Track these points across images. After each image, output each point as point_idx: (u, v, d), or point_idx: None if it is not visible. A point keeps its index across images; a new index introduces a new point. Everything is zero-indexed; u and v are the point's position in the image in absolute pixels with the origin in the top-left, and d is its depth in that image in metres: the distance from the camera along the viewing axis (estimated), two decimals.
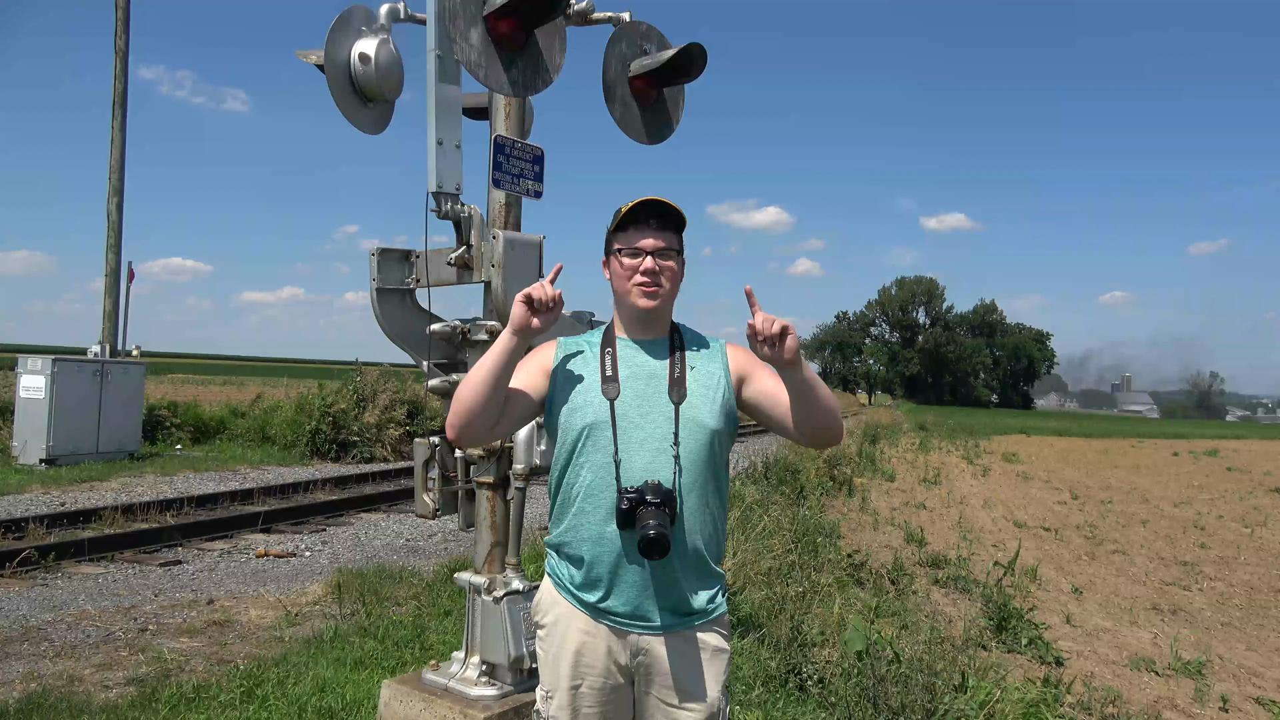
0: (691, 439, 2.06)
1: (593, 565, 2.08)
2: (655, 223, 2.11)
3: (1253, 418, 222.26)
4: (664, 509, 1.96)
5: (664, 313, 2.16)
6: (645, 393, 2.09)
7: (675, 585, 2.06)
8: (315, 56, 3.39)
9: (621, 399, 2.08)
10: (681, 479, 2.05)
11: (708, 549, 2.10)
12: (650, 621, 2.07)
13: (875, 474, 17.73)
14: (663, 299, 2.12)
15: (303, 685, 4.37)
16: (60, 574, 7.14)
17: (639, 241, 2.10)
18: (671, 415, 2.07)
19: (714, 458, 2.11)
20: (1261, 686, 6.63)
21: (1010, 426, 48.73)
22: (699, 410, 2.08)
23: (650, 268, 2.09)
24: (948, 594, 8.47)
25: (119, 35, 15.35)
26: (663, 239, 2.11)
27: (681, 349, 2.16)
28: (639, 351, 2.15)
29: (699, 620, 2.10)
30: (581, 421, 2.07)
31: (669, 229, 2.13)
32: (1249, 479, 23.27)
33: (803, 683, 4.67)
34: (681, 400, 2.08)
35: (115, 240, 15.46)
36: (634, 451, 2.05)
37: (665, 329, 2.19)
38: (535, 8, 3.11)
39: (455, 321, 3.51)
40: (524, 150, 3.47)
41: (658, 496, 1.97)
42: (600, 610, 2.09)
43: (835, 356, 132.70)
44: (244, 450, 16.23)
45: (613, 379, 2.10)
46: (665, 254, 2.11)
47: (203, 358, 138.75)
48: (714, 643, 2.12)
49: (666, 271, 2.11)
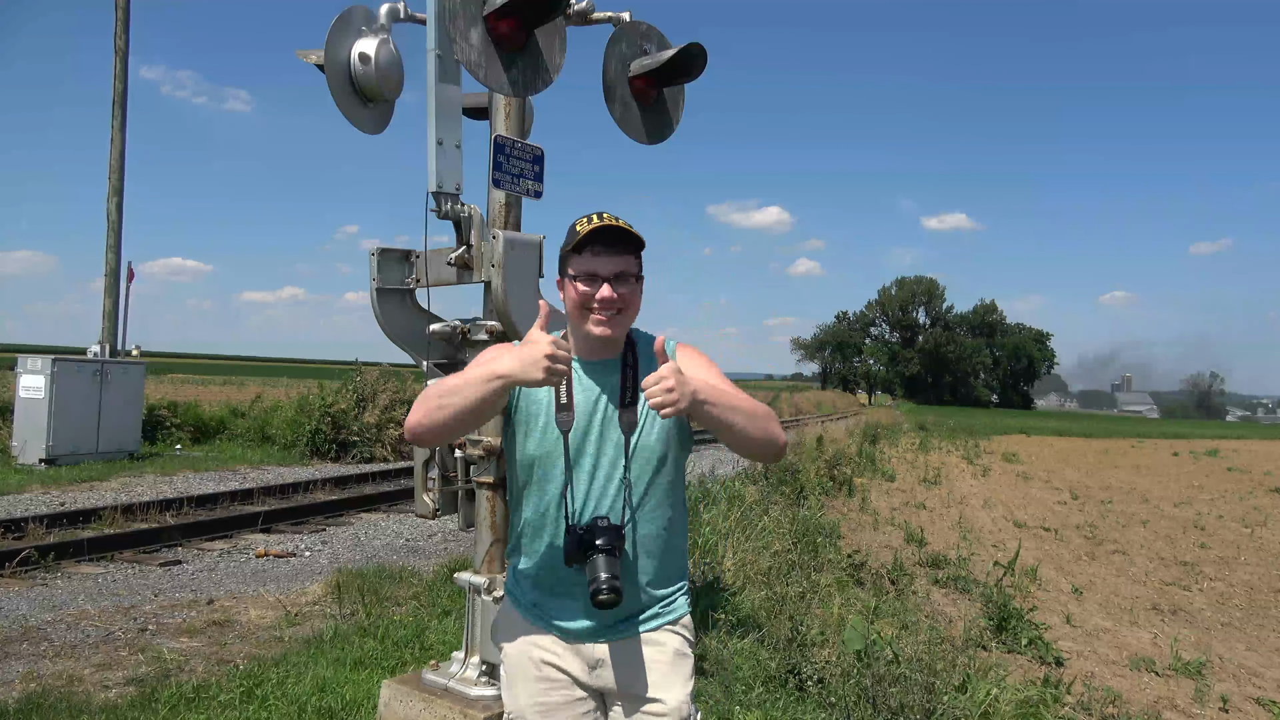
0: (643, 465, 1.99)
1: (545, 581, 2.05)
2: (613, 245, 1.95)
3: (1253, 418, 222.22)
4: (613, 552, 1.88)
5: (622, 336, 2.03)
6: (596, 421, 1.99)
7: (628, 605, 2.01)
8: (315, 56, 3.39)
9: (577, 428, 1.98)
10: (633, 506, 1.98)
11: (662, 563, 2.05)
12: (602, 632, 2.02)
13: (875, 474, 17.71)
14: (618, 329, 1.98)
15: (303, 685, 4.36)
16: (60, 574, 7.14)
17: (595, 267, 1.94)
18: (622, 443, 1.98)
19: (667, 479, 2.03)
20: (1261, 686, 6.63)
21: (1010, 426, 48.74)
22: (649, 435, 1.99)
23: (608, 296, 1.94)
24: (948, 594, 8.46)
25: (119, 35, 15.34)
26: (621, 263, 1.95)
27: (634, 368, 2.03)
28: (592, 375, 2.03)
29: (655, 624, 2.05)
30: (535, 451, 2.00)
31: (628, 251, 1.97)
32: (1249, 479, 23.26)
33: (802, 683, 4.67)
34: (632, 429, 1.98)
35: (115, 240, 15.45)
36: (584, 482, 1.98)
37: (618, 348, 2.05)
38: (535, 8, 3.10)
39: (455, 321, 3.51)
40: (524, 150, 3.47)
41: (606, 539, 1.88)
42: (554, 625, 2.05)
43: (835, 356, 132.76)
44: (244, 450, 16.23)
45: (567, 407, 1.98)
46: (623, 279, 1.95)
47: (203, 358, 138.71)
48: (673, 645, 2.05)
49: (625, 298, 1.96)
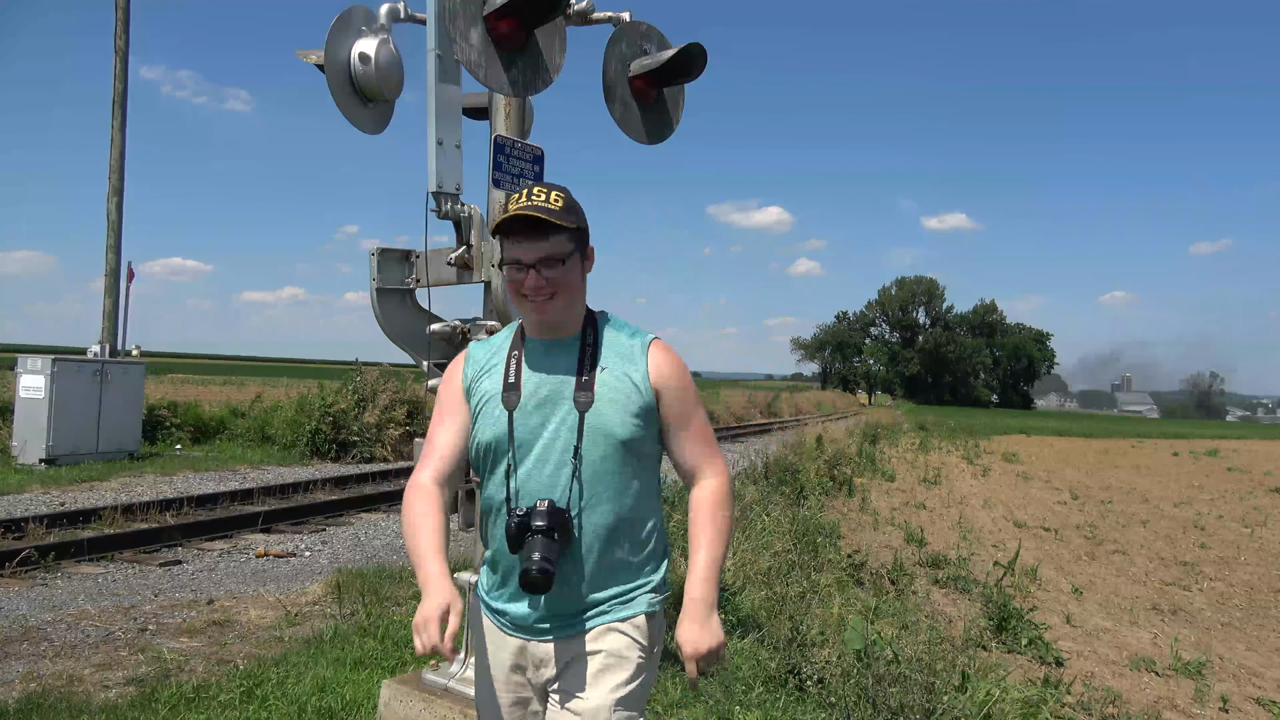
0: (595, 450, 1.86)
1: (498, 569, 1.99)
2: (534, 229, 1.84)
3: (1253, 418, 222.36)
4: (552, 534, 1.80)
5: (565, 320, 1.93)
6: (548, 399, 1.89)
7: (575, 600, 1.91)
8: (315, 56, 3.39)
9: (521, 408, 1.90)
10: (583, 494, 1.86)
11: (619, 556, 1.92)
12: (549, 626, 1.92)
13: (875, 474, 17.70)
14: (555, 312, 1.90)
15: (303, 685, 4.36)
16: (60, 574, 7.14)
17: (519, 254, 1.86)
18: (575, 424, 1.87)
19: (627, 468, 1.90)
20: (1261, 686, 6.63)
21: (1010, 426, 48.73)
22: (606, 418, 1.87)
23: (534, 284, 1.86)
24: (948, 594, 8.46)
25: (119, 35, 15.34)
26: (544, 248, 1.85)
27: (594, 347, 1.93)
28: (545, 353, 1.94)
29: (601, 621, 1.91)
30: (483, 436, 1.92)
31: (559, 231, 1.85)
32: (1249, 479, 23.25)
33: (802, 683, 4.66)
34: (586, 407, 1.87)
35: (115, 240, 15.45)
36: (532, 465, 1.88)
37: (576, 327, 1.95)
38: (535, 8, 3.11)
39: (455, 321, 3.51)
40: (524, 150, 3.48)
41: (546, 520, 1.80)
42: (505, 616, 1.97)
43: (835, 356, 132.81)
44: (244, 450, 16.22)
45: (514, 386, 1.91)
46: (550, 263, 1.86)
47: (203, 358, 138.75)
48: (615, 644, 1.90)
49: (555, 281, 1.87)
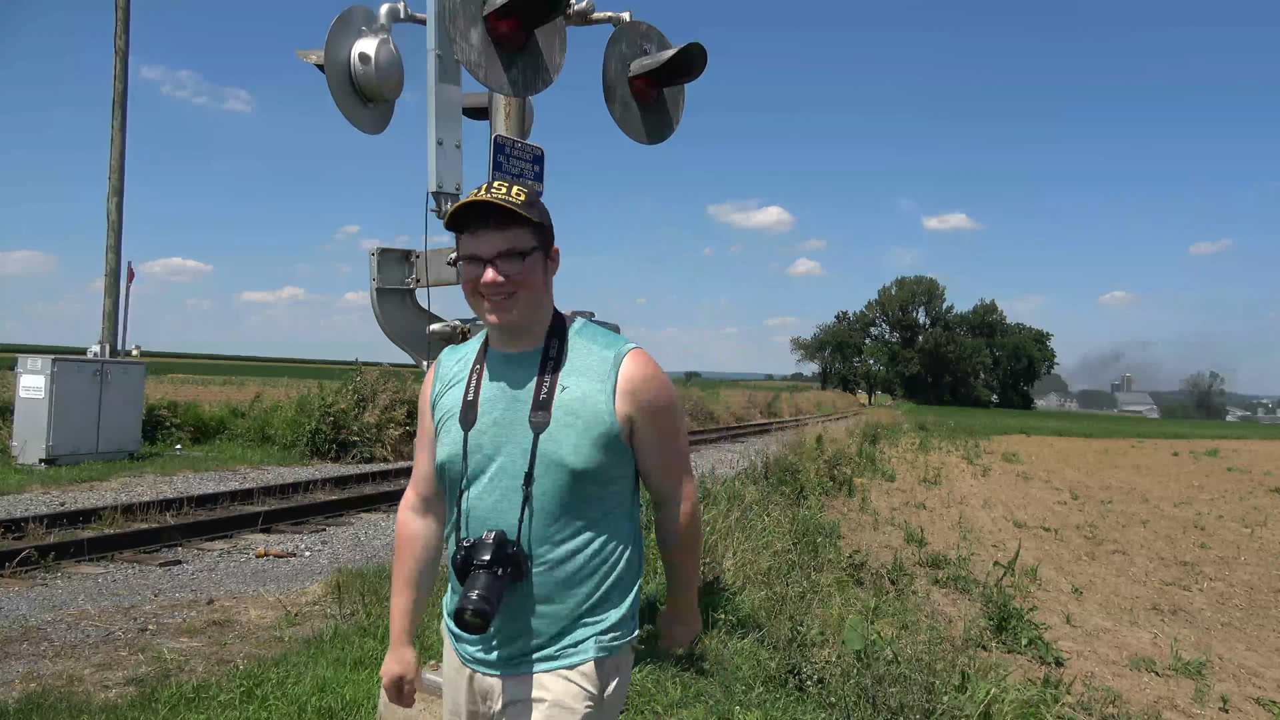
0: (550, 478, 1.70)
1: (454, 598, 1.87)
2: (495, 221, 1.69)
3: (1253, 418, 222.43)
4: (495, 569, 1.65)
5: (527, 324, 1.76)
6: (504, 420, 1.74)
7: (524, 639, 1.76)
8: (315, 56, 3.39)
9: (477, 428, 1.75)
10: (533, 525, 1.71)
11: (576, 596, 1.75)
12: (496, 662, 1.78)
13: (875, 474, 17.70)
14: (516, 312, 1.72)
15: (303, 685, 4.36)
16: (60, 574, 7.14)
17: (475, 248, 1.70)
18: (529, 448, 1.70)
19: (588, 499, 1.73)
20: (1261, 686, 6.63)
21: (1010, 427, 48.75)
22: (561, 444, 1.69)
23: (492, 280, 1.68)
24: (948, 594, 8.46)
25: (119, 35, 15.34)
26: (504, 240, 1.69)
27: (557, 361, 1.75)
28: (505, 367, 1.78)
29: (548, 666, 1.75)
30: (439, 456, 1.80)
31: (518, 224, 1.69)
32: (1249, 479, 23.26)
33: (802, 683, 4.66)
34: (540, 430, 1.70)
35: (115, 240, 15.44)
36: (482, 491, 1.74)
37: (538, 338, 1.78)
38: (535, 8, 3.11)
39: (455, 321, 3.51)
40: (524, 150, 3.48)
41: (490, 553, 1.66)
42: (459, 645, 1.85)
43: (835, 356, 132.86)
44: (244, 450, 16.23)
45: (472, 404, 1.77)
46: (510, 258, 1.69)
47: (203, 358, 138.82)
48: (557, 693, 1.73)
49: (516, 278, 1.70)
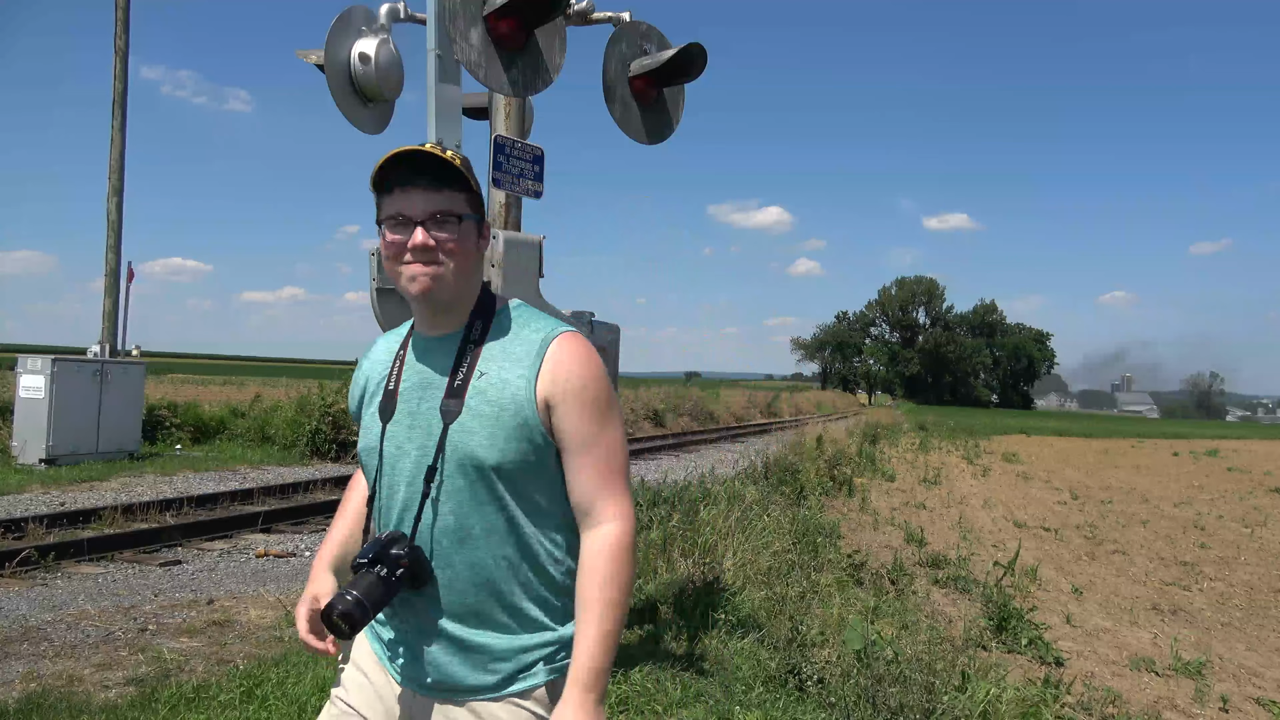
0: (460, 475, 1.52)
1: None
2: (429, 179, 1.52)
3: (1253, 418, 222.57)
4: (376, 569, 1.49)
5: (452, 299, 1.58)
6: (419, 410, 1.58)
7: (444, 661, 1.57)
8: (315, 56, 3.40)
9: (394, 420, 1.61)
10: (440, 525, 1.53)
11: (502, 611, 1.55)
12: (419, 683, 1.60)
13: (875, 474, 17.70)
14: (442, 283, 1.54)
15: (303, 685, 4.36)
16: (60, 574, 7.13)
17: (403, 208, 1.53)
18: (438, 440, 1.54)
19: (508, 499, 1.54)
20: (1261, 686, 6.63)
21: (1010, 426, 48.74)
22: (472, 436, 1.51)
23: (421, 242, 1.51)
24: (948, 594, 8.46)
25: (119, 35, 15.34)
26: (437, 200, 1.53)
27: (478, 344, 1.58)
28: (425, 352, 1.62)
29: (493, 695, 1.56)
30: (362, 446, 1.66)
31: (450, 185, 1.54)
32: (1249, 479, 23.26)
33: (802, 683, 4.66)
34: (450, 420, 1.53)
35: (115, 240, 15.44)
36: (397, 487, 1.59)
37: (460, 320, 1.61)
38: (535, 8, 3.11)
39: None
40: (524, 150, 3.48)
41: (372, 552, 1.51)
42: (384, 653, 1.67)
43: (835, 356, 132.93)
44: (244, 450, 16.23)
45: (392, 394, 1.62)
46: (443, 221, 1.53)
47: (203, 358, 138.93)
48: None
49: (446, 245, 1.53)
